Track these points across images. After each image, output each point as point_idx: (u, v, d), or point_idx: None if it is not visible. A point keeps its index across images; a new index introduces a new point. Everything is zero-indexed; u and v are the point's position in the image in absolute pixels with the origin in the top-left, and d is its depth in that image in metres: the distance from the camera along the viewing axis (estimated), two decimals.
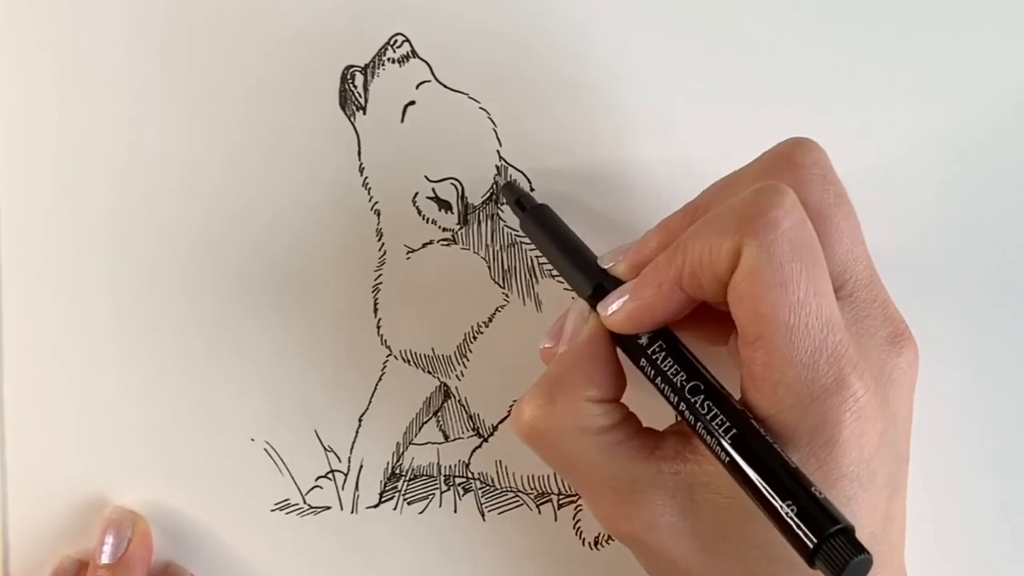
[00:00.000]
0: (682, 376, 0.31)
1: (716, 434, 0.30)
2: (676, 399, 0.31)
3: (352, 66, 0.39)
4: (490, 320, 0.39)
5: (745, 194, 0.30)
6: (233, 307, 0.39)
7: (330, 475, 0.40)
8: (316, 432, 0.40)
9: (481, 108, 0.39)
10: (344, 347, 0.39)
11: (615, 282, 0.34)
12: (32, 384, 0.39)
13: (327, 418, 0.40)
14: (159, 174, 0.39)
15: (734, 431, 0.30)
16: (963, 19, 0.39)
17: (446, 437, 0.40)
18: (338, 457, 0.40)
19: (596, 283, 0.34)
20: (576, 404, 0.33)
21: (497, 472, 0.40)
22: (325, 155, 0.39)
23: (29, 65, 0.39)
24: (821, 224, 0.32)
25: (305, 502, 0.40)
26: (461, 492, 0.40)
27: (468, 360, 0.40)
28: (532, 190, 0.39)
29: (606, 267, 0.35)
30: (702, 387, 0.31)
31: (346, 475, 0.40)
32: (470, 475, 0.40)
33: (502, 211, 0.39)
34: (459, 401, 0.40)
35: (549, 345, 0.35)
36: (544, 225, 0.37)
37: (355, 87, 0.39)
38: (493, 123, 0.39)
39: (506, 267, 0.39)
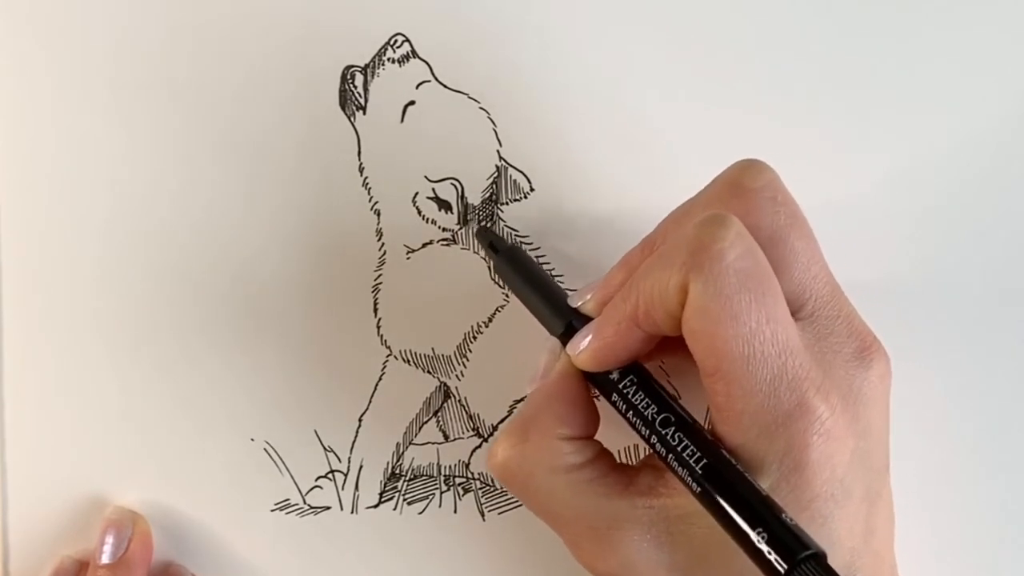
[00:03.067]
0: (653, 409, 0.32)
1: (687, 465, 0.30)
2: (648, 432, 0.32)
3: (352, 66, 0.39)
4: (490, 320, 0.39)
5: (689, 228, 0.30)
6: (233, 306, 0.39)
7: (330, 475, 0.40)
8: (316, 432, 0.40)
9: (481, 108, 0.39)
10: (344, 347, 0.39)
11: (585, 320, 0.34)
12: (32, 384, 0.39)
13: (327, 418, 0.40)
14: (158, 173, 0.39)
15: (704, 461, 0.30)
16: (967, 24, 0.39)
17: (446, 437, 0.40)
18: (338, 457, 0.40)
19: (567, 322, 0.34)
20: (548, 443, 0.33)
21: None
22: (325, 155, 0.39)
23: (28, 66, 0.39)
24: (775, 246, 0.32)
25: (305, 502, 0.40)
26: (461, 492, 0.40)
27: (468, 360, 0.40)
28: (532, 190, 0.39)
29: (575, 305, 0.35)
30: (672, 419, 0.31)
31: (346, 475, 0.40)
32: (470, 475, 0.40)
33: (502, 211, 0.39)
34: (459, 401, 0.40)
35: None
36: (517, 266, 0.37)
37: (355, 87, 0.39)
38: (493, 123, 0.39)
39: None
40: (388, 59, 0.39)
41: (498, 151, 0.39)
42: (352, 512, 0.40)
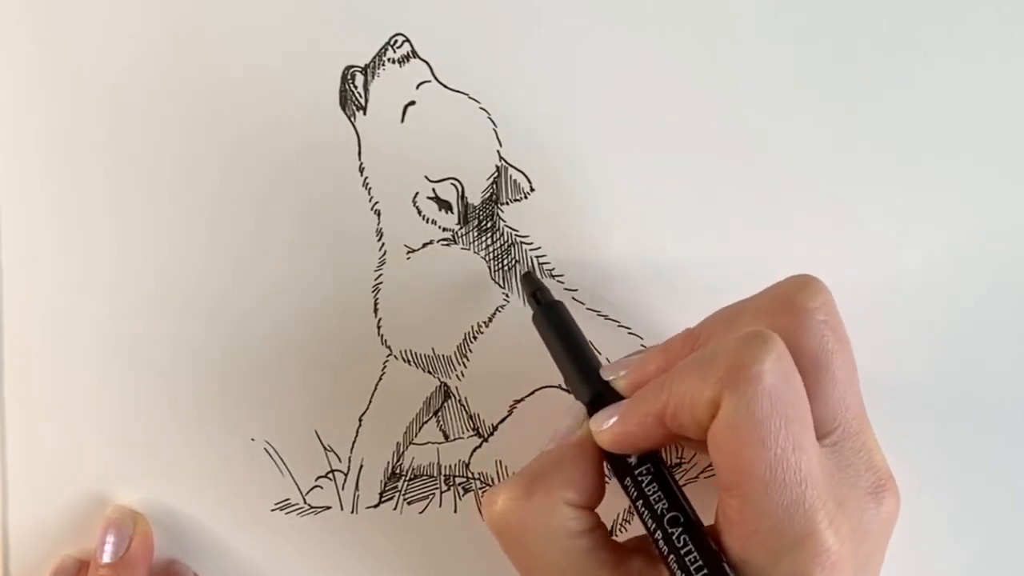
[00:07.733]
0: (663, 504, 0.32)
1: (687, 570, 0.30)
2: (654, 526, 0.32)
3: (352, 66, 0.39)
4: (490, 320, 0.39)
5: (731, 342, 0.30)
6: (233, 306, 0.39)
7: (330, 475, 0.40)
8: (316, 432, 0.40)
9: (481, 108, 0.39)
10: (344, 347, 0.39)
11: (613, 394, 0.34)
12: (32, 384, 0.39)
13: (327, 418, 0.40)
14: (158, 173, 0.39)
15: (704, 572, 0.30)
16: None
17: (446, 437, 0.40)
18: (338, 457, 0.40)
19: (595, 392, 0.34)
20: (552, 504, 0.32)
21: (497, 472, 0.40)
22: (325, 155, 0.39)
23: (29, 65, 0.39)
24: (817, 370, 0.32)
25: (305, 502, 0.40)
26: (461, 492, 0.40)
27: (468, 360, 0.40)
28: (532, 190, 0.39)
29: (607, 379, 0.34)
30: (681, 519, 0.31)
31: (346, 475, 0.40)
32: (470, 475, 0.40)
33: (502, 211, 0.39)
34: (459, 401, 0.40)
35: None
36: (555, 323, 0.37)
37: (355, 87, 0.39)
38: (493, 123, 0.39)
39: (506, 267, 0.39)
40: (388, 59, 0.39)
41: (498, 151, 0.39)
42: (352, 512, 0.40)
